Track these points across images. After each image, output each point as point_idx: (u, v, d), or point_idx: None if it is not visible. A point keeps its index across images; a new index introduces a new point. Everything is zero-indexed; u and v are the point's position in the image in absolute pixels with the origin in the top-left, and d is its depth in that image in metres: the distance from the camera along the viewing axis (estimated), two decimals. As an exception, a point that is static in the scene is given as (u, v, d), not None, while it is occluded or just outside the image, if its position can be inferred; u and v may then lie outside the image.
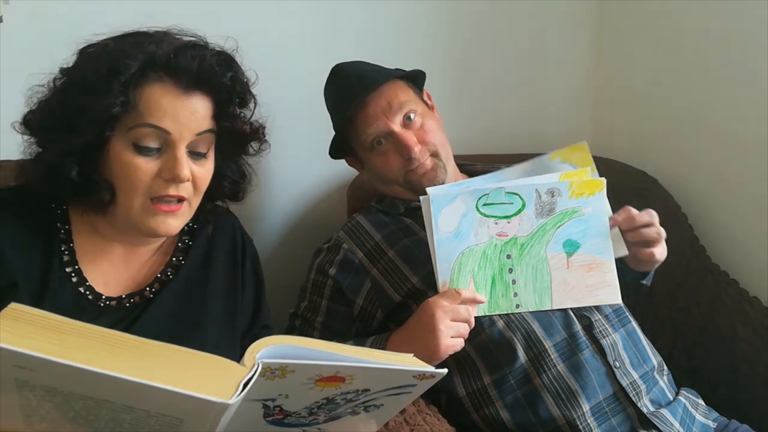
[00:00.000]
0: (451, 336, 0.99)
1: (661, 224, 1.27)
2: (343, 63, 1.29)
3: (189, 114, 0.88)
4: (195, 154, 0.91)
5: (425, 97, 1.29)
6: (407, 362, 0.70)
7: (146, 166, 0.87)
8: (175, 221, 0.91)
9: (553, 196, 1.08)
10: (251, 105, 1.00)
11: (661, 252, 1.12)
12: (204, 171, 0.92)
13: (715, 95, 1.50)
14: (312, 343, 0.66)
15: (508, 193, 1.08)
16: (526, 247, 1.07)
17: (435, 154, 1.20)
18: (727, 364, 1.35)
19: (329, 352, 0.65)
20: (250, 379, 0.60)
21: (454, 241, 1.05)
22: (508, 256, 1.07)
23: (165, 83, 0.87)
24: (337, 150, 1.29)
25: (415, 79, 1.28)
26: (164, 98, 0.86)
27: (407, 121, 1.20)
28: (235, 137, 0.98)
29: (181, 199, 0.90)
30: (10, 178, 0.99)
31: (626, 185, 1.55)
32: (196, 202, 0.94)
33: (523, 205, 1.07)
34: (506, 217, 1.07)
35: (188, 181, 0.89)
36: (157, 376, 0.56)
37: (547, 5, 1.74)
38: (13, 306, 0.59)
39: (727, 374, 1.34)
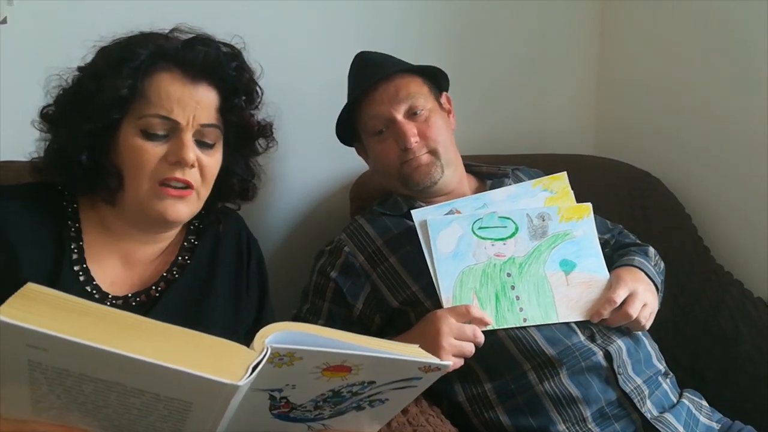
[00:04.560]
0: (453, 354, 0.99)
1: (665, 224, 1.27)
2: (367, 51, 1.29)
3: (195, 103, 0.91)
4: (202, 144, 0.93)
5: (443, 99, 1.29)
6: (413, 353, 0.70)
7: (153, 150, 0.90)
8: (183, 207, 0.93)
9: (544, 220, 1.14)
10: (258, 100, 1.02)
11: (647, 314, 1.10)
12: (211, 161, 0.95)
13: (719, 96, 1.50)
14: (320, 330, 0.67)
15: (501, 217, 1.14)
16: (525, 266, 1.11)
17: (434, 152, 1.20)
18: (731, 365, 1.34)
19: (337, 340, 0.65)
20: (259, 363, 0.61)
21: (453, 261, 1.10)
22: (509, 274, 1.10)
23: (173, 73, 0.91)
24: (345, 134, 1.30)
25: (436, 79, 1.28)
26: (172, 87, 0.90)
27: (412, 115, 1.20)
28: (243, 132, 1.00)
29: (188, 185, 0.92)
30: (13, 179, 1.00)
31: (630, 186, 1.55)
32: (205, 193, 0.96)
33: (517, 229, 1.13)
34: (501, 239, 1.12)
35: (194, 166, 0.91)
36: (168, 358, 0.57)
37: (549, 5, 1.74)
38: (29, 286, 0.59)
39: (731, 375, 1.34)
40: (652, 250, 1.25)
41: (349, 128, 1.28)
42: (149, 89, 0.90)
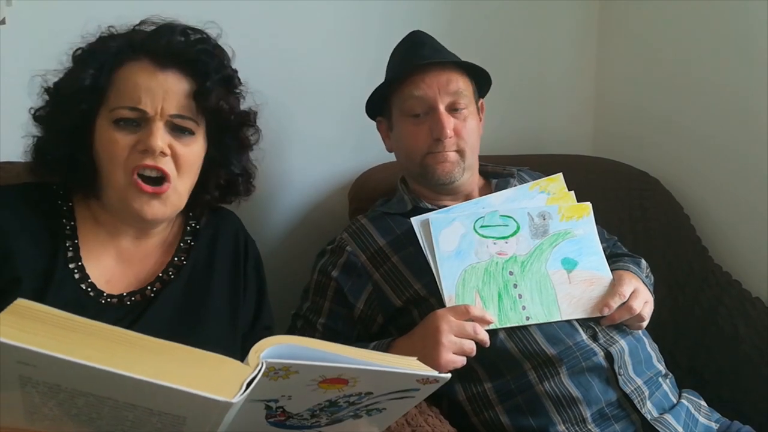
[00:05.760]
0: (453, 352, 0.99)
1: (663, 224, 1.28)
2: (423, 32, 1.28)
3: (163, 92, 0.91)
4: (177, 133, 0.92)
5: (479, 105, 1.29)
6: (411, 366, 0.70)
7: (124, 139, 0.90)
8: (160, 205, 0.92)
9: (544, 219, 1.15)
10: (234, 84, 1.00)
11: (648, 310, 1.12)
12: (188, 150, 0.93)
13: (717, 97, 1.50)
14: (316, 343, 0.66)
15: (502, 216, 1.14)
16: (527, 264, 1.11)
17: (461, 152, 1.20)
18: (729, 365, 1.35)
19: (333, 353, 0.64)
20: (253, 379, 0.60)
21: (456, 260, 1.09)
22: (511, 273, 1.10)
23: (141, 62, 0.92)
24: (375, 106, 1.29)
25: (480, 83, 1.28)
26: (140, 76, 0.91)
27: (453, 111, 1.19)
28: (220, 119, 0.97)
29: (162, 176, 0.91)
30: (12, 180, 1.00)
31: (628, 186, 1.55)
32: (183, 186, 0.95)
33: (518, 227, 1.13)
34: (503, 237, 1.13)
35: (165, 154, 0.90)
36: (161, 374, 0.56)
37: (548, 6, 1.74)
38: (19, 302, 0.59)
39: (729, 375, 1.34)
40: (644, 262, 1.26)
41: (378, 102, 1.27)
42: (118, 80, 0.91)
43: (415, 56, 1.21)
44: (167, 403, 0.60)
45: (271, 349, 0.62)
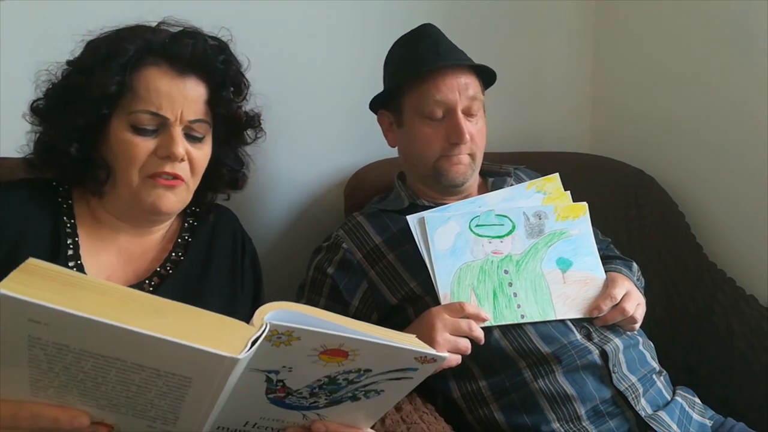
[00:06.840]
0: (448, 350, 0.99)
1: (658, 222, 1.28)
2: (434, 26, 1.26)
3: (183, 98, 0.91)
4: (191, 137, 0.94)
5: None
6: (410, 342, 0.71)
7: (143, 144, 0.90)
8: (173, 197, 0.94)
9: (540, 219, 1.15)
10: (245, 92, 1.02)
11: (640, 312, 1.13)
12: (200, 154, 0.95)
13: (712, 95, 1.50)
14: (319, 313, 0.67)
15: (498, 215, 1.15)
16: (522, 263, 1.12)
17: (473, 156, 1.21)
18: (724, 362, 1.35)
19: (335, 323, 0.66)
20: (258, 338, 0.61)
21: (451, 258, 1.10)
22: (506, 272, 1.11)
23: (161, 67, 0.91)
24: (380, 99, 1.27)
25: (484, 83, 1.27)
26: (160, 81, 0.90)
27: (469, 115, 1.19)
28: (231, 123, 1.00)
29: (177, 177, 0.93)
30: (7, 176, 1.00)
31: (623, 184, 1.55)
32: (194, 185, 0.97)
33: (514, 227, 1.14)
34: (498, 237, 1.13)
35: (183, 160, 0.92)
36: (169, 332, 0.57)
37: (545, 5, 1.74)
38: (30, 261, 0.59)
39: (724, 372, 1.35)
40: (635, 265, 1.27)
41: (382, 95, 1.27)
42: (137, 84, 0.90)
43: (432, 53, 1.19)
44: (174, 361, 0.60)
45: (275, 312, 0.64)
